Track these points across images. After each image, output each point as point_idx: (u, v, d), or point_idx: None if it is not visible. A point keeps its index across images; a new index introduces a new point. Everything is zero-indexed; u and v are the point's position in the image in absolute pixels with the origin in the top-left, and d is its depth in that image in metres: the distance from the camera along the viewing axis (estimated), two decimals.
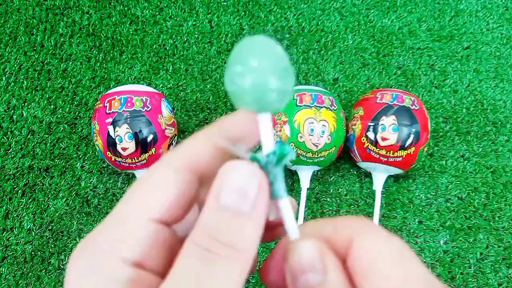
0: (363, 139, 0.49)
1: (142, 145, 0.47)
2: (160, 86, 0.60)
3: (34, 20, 0.64)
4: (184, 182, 0.16)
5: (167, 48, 0.62)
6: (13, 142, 0.56)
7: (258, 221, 0.15)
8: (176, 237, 0.17)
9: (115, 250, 0.15)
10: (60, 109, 0.58)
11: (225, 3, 0.65)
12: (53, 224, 0.52)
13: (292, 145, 0.48)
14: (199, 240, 0.15)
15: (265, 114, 0.16)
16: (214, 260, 0.14)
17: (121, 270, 0.15)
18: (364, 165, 0.51)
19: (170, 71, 0.61)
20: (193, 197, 0.17)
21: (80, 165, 0.55)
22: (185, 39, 0.63)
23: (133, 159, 0.48)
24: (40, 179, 0.54)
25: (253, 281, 0.50)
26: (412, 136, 0.47)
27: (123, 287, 0.14)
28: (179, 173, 0.16)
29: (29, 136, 0.57)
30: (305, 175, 0.51)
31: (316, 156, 0.48)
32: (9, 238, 0.52)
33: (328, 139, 0.48)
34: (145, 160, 0.48)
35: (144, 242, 0.15)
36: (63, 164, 0.55)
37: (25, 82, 0.60)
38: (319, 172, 0.55)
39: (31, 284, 0.50)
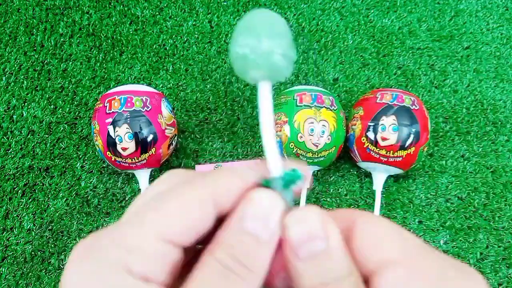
0: (363, 139, 0.49)
1: (142, 145, 0.47)
2: (160, 86, 0.60)
3: (34, 20, 0.64)
4: (207, 214, 0.17)
5: (167, 48, 0.62)
6: (13, 142, 0.56)
7: (272, 248, 0.16)
8: (181, 255, 0.17)
9: (124, 261, 0.15)
10: (60, 109, 0.58)
11: (225, 3, 0.65)
12: (53, 224, 0.52)
13: (292, 145, 0.48)
14: (220, 257, 0.16)
15: (270, 83, 0.17)
16: (232, 278, 0.16)
17: (127, 282, 0.15)
18: (364, 165, 0.51)
19: (170, 71, 0.61)
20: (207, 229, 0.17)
21: (80, 165, 0.55)
22: (185, 39, 0.63)
23: (133, 159, 0.48)
24: (40, 179, 0.54)
25: None
26: (412, 136, 0.47)
27: None
28: (206, 203, 0.17)
29: (29, 136, 0.57)
30: None
31: (316, 156, 0.48)
32: (9, 238, 0.52)
33: (328, 139, 0.48)
34: (145, 160, 0.48)
35: (155, 259, 0.15)
36: (63, 164, 0.55)
37: (25, 82, 0.60)
38: (319, 172, 0.55)
39: (31, 284, 0.50)
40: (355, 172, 0.55)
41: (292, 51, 0.17)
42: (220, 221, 0.17)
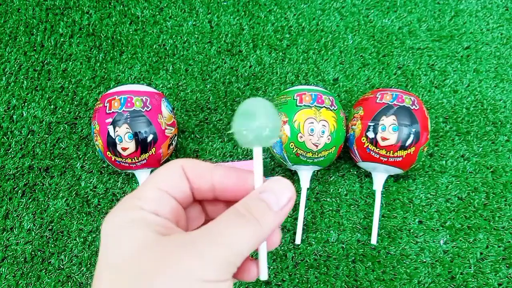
0: (363, 139, 0.49)
1: (142, 145, 0.47)
2: (160, 86, 0.60)
3: (34, 20, 0.64)
4: (179, 174, 0.24)
5: (167, 48, 0.62)
6: (13, 142, 0.56)
7: (279, 218, 0.22)
8: (179, 206, 0.24)
9: (137, 203, 0.22)
10: (60, 109, 0.58)
11: (225, 3, 0.65)
12: (53, 224, 0.52)
13: (292, 145, 0.48)
14: (238, 207, 0.22)
15: (259, 148, 0.25)
16: (243, 219, 0.21)
17: (141, 213, 0.21)
18: (364, 165, 0.51)
19: (170, 71, 0.61)
20: (186, 192, 0.24)
21: (80, 165, 0.55)
22: (185, 39, 0.63)
23: (133, 159, 0.48)
24: (40, 179, 0.54)
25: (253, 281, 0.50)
26: (412, 136, 0.47)
27: (146, 224, 0.21)
28: (183, 174, 0.24)
29: (29, 136, 0.57)
30: (305, 175, 0.51)
31: (316, 156, 0.48)
32: (9, 238, 0.52)
33: (328, 139, 0.48)
34: (145, 160, 0.48)
35: (157, 201, 0.22)
36: (63, 164, 0.55)
37: (25, 82, 0.60)
38: (319, 172, 0.55)
39: (31, 284, 0.50)
40: (355, 172, 0.55)
41: (277, 124, 0.24)
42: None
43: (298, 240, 0.51)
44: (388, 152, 0.48)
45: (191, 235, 0.20)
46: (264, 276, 0.25)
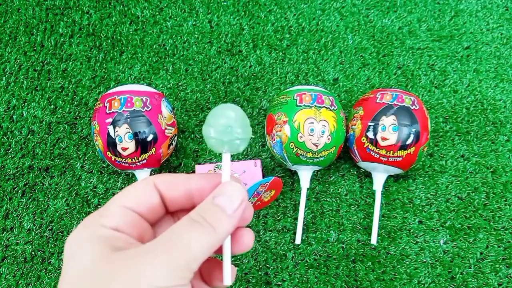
0: (363, 139, 0.49)
1: (142, 145, 0.47)
2: (160, 86, 0.60)
3: (34, 20, 0.64)
4: (150, 189, 0.24)
5: (167, 48, 0.62)
6: (13, 142, 0.56)
7: (233, 221, 0.23)
8: (144, 222, 0.24)
9: (98, 221, 0.23)
10: (60, 109, 0.58)
11: (225, 3, 0.65)
12: (53, 224, 0.52)
13: (292, 145, 0.48)
14: (192, 214, 0.22)
15: (228, 154, 0.25)
16: (197, 225, 0.22)
17: (101, 230, 0.22)
18: (364, 165, 0.51)
19: (170, 71, 0.61)
20: (155, 207, 0.25)
21: (80, 165, 0.55)
22: (185, 39, 0.63)
23: (133, 159, 0.48)
24: (40, 179, 0.54)
25: (253, 281, 0.50)
26: (412, 136, 0.47)
27: (104, 239, 0.22)
28: (154, 189, 0.24)
29: (29, 136, 0.57)
30: (305, 175, 0.51)
31: (316, 156, 0.48)
32: (9, 238, 0.52)
33: (328, 139, 0.48)
34: (145, 160, 0.48)
35: (119, 217, 0.23)
36: (63, 164, 0.55)
37: (25, 82, 0.60)
38: (319, 172, 0.55)
39: (31, 284, 0.50)
40: (355, 172, 0.55)
41: (246, 133, 0.25)
42: None
43: (298, 240, 0.51)
44: (388, 152, 0.48)
45: (145, 245, 0.21)
46: (227, 281, 0.24)
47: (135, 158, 0.47)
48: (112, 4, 0.65)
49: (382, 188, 0.52)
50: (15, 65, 0.61)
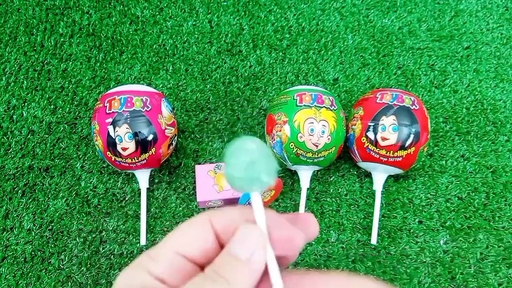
0: (363, 139, 0.49)
1: (142, 145, 0.47)
2: (160, 86, 0.60)
3: (34, 20, 0.64)
4: (206, 230, 0.22)
5: (167, 48, 0.62)
6: (13, 142, 0.56)
7: (251, 269, 0.20)
8: (193, 266, 0.22)
9: (147, 264, 0.21)
10: (60, 109, 0.58)
11: (225, 3, 0.65)
12: (53, 224, 0.52)
13: (292, 145, 0.48)
14: (206, 271, 0.20)
15: (258, 194, 0.22)
16: (209, 282, 0.19)
17: (145, 279, 0.20)
18: (364, 165, 0.51)
19: (170, 71, 0.61)
20: (209, 249, 0.22)
21: (80, 165, 0.55)
22: (185, 39, 0.63)
23: (133, 159, 0.48)
24: (40, 179, 0.54)
25: None
26: (412, 136, 0.47)
27: None
28: (209, 230, 0.22)
29: (29, 136, 0.57)
30: (305, 175, 0.51)
31: (316, 156, 0.48)
32: (9, 238, 0.52)
33: (328, 139, 0.48)
34: (145, 160, 0.48)
35: (168, 264, 0.21)
36: (63, 164, 0.55)
37: (25, 82, 0.60)
38: (319, 172, 0.55)
39: (31, 284, 0.50)
40: (355, 172, 0.55)
41: (273, 166, 0.22)
42: None
43: None
44: (388, 152, 0.48)
45: None
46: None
47: (135, 158, 0.47)
48: (112, 4, 0.65)
49: (382, 188, 0.52)
50: (15, 65, 0.61)
